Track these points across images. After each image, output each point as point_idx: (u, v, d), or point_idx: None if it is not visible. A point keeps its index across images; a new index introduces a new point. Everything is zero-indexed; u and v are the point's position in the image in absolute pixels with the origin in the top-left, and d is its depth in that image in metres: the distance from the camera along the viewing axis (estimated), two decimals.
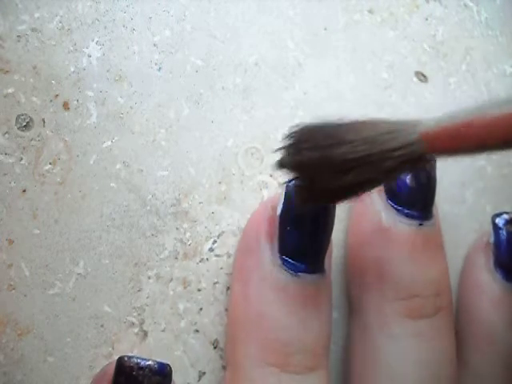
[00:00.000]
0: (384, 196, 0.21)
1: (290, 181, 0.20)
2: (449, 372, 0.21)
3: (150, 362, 0.19)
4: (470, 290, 0.23)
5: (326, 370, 0.20)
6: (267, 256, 0.20)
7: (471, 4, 0.27)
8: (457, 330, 0.22)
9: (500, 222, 0.23)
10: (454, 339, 0.21)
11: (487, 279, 0.22)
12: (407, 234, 0.21)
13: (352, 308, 0.23)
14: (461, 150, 0.16)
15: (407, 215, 0.21)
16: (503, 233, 0.23)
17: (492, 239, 0.23)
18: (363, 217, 0.22)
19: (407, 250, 0.21)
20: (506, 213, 0.23)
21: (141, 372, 0.19)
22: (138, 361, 0.19)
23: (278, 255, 0.20)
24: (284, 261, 0.20)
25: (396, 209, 0.21)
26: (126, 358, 0.19)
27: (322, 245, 0.20)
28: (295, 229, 0.20)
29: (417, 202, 0.21)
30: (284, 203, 0.20)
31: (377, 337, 0.21)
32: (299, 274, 0.20)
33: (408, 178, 0.21)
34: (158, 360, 0.19)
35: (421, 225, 0.21)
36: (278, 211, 0.20)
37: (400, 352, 0.20)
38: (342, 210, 0.23)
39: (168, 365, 0.19)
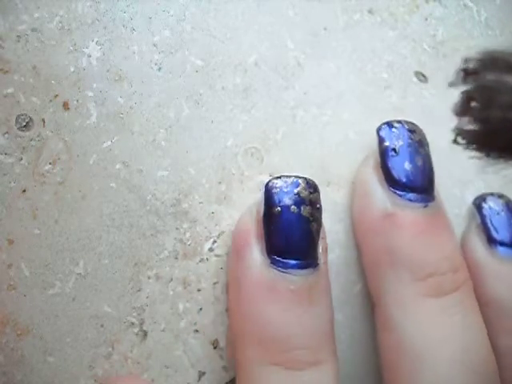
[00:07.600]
0: (385, 184, 0.22)
1: (268, 182, 0.21)
2: (479, 344, 0.21)
3: None
4: (472, 271, 0.23)
5: (331, 363, 0.20)
6: (257, 257, 0.21)
7: (471, 4, 0.27)
8: None
9: (477, 201, 0.24)
10: (479, 312, 0.21)
11: (485, 257, 0.23)
12: (413, 216, 0.21)
13: (373, 302, 0.23)
14: None
15: (410, 199, 0.21)
16: (484, 212, 0.24)
17: (479, 220, 0.24)
18: (368, 208, 0.22)
19: (415, 232, 0.21)
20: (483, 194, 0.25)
21: None
22: None
23: (266, 255, 0.20)
24: (273, 260, 0.20)
25: (399, 195, 0.21)
26: None
27: (309, 240, 0.21)
28: (278, 227, 0.20)
29: (417, 185, 0.22)
30: (265, 203, 0.21)
31: (398, 321, 0.21)
32: (288, 270, 0.20)
33: (405, 164, 0.22)
34: None
35: (425, 206, 0.22)
36: (261, 212, 0.21)
37: (424, 332, 0.20)
38: (341, 210, 0.23)
39: None
